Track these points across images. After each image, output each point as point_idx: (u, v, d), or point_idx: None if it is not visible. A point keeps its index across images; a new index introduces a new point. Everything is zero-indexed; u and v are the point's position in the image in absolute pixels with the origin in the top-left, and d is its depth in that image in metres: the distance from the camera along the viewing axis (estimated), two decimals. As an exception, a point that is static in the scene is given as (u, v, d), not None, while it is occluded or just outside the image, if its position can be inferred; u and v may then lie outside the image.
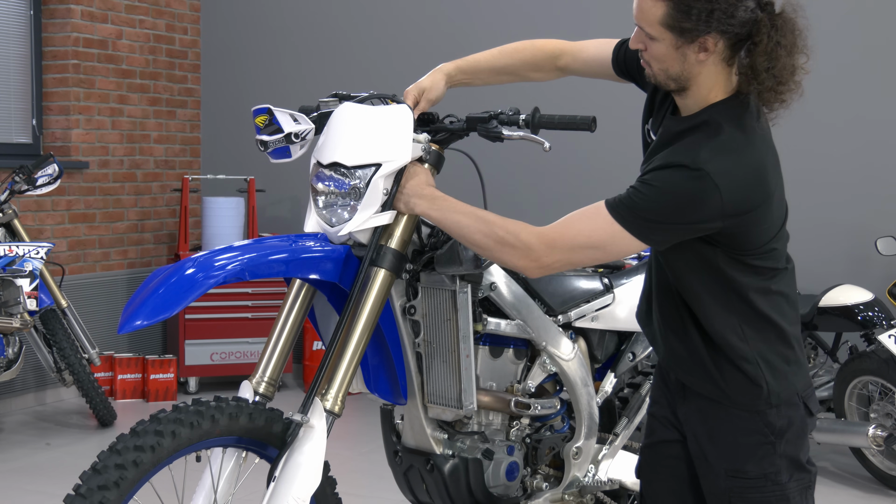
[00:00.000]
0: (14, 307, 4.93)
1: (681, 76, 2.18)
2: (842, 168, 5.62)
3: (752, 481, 2.29)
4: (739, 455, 2.30)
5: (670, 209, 2.12)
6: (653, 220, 2.14)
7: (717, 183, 2.09)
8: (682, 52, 2.14)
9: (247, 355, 6.42)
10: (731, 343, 2.26)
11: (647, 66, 2.24)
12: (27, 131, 6.38)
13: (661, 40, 2.15)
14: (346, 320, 2.34)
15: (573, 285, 2.87)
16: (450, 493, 2.61)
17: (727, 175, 2.10)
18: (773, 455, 2.28)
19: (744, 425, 2.29)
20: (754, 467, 2.29)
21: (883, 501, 4.60)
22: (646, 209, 2.14)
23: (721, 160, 2.11)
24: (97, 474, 2.01)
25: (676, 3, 2.10)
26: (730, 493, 2.31)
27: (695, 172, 2.09)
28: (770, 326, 2.28)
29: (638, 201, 2.15)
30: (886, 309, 4.85)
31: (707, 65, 2.16)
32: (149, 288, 2.18)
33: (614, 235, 2.17)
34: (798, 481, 2.31)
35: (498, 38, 6.81)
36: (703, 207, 2.10)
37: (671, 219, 2.13)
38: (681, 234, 2.17)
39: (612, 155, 5.80)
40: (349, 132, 2.40)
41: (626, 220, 2.15)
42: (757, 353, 2.26)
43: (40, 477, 4.80)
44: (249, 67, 7.22)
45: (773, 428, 2.28)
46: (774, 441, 2.28)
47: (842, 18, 5.66)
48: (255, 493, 2.30)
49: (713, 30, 2.10)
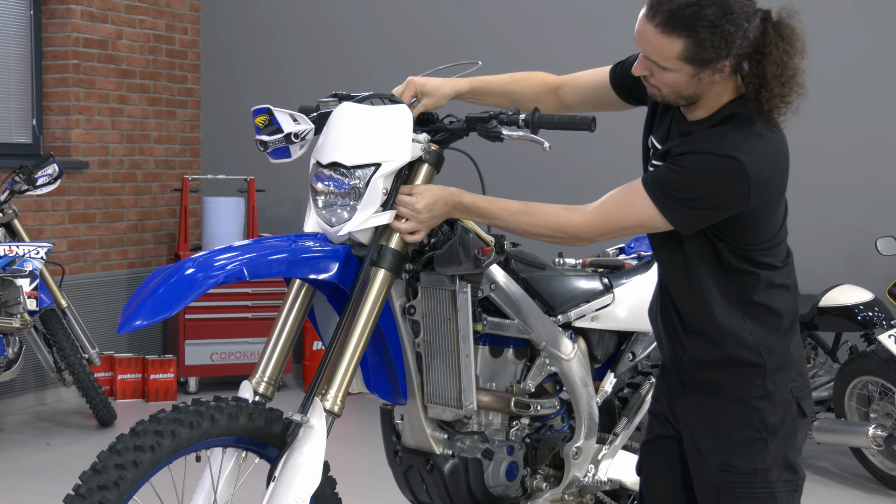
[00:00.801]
0: (14, 307, 4.93)
1: (693, 95, 2.25)
2: (842, 168, 5.62)
3: (742, 476, 2.32)
4: (731, 449, 2.32)
5: (702, 192, 2.20)
6: (686, 202, 2.21)
7: (746, 168, 2.16)
8: (698, 77, 2.20)
9: (247, 355, 6.42)
10: (734, 331, 2.31)
11: (655, 89, 2.28)
12: (27, 131, 6.38)
13: (677, 71, 2.20)
14: (346, 320, 2.34)
15: (573, 285, 2.87)
16: (450, 493, 2.61)
17: (755, 161, 2.17)
18: (764, 451, 2.31)
19: (738, 420, 2.32)
20: (745, 462, 2.31)
21: (883, 501, 4.59)
22: (679, 190, 2.21)
23: (749, 146, 2.18)
24: (97, 474, 2.01)
25: (694, 38, 2.13)
26: (719, 486, 2.34)
27: (725, 159, 2.17)
28: (771, 316, 2.32)
29: (673, 182, 2.22)
30: (886, 309, 4.85)
31: (717, 82, 2.23)
32: (149, 288, 2.18)
33: (653, 217, 2.26)
34: (787, 482, 2.34)
35: (498, 38, 6.83)
36: (733, 191, 2.18)
37: (703, 201, 2.20)
38: (710, 218, 2.23)
39: (611, 155, 5.80)
40: (349, 132, 2.40)
41: (662, 203, 2.24)
42: (758, 342, 2.30)
43: (40, 477, 4.80)
44: (249, 67, 7.22)
45: (766, 424, 2.31)
46: (767, 437, 2.31)
47: (842, 18, 5.66)
48: (255, 493, 2.30)
49: (731, 55, 2.16)
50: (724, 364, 2.33)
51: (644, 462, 2.56)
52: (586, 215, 2.35)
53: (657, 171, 2.27)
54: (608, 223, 2.33)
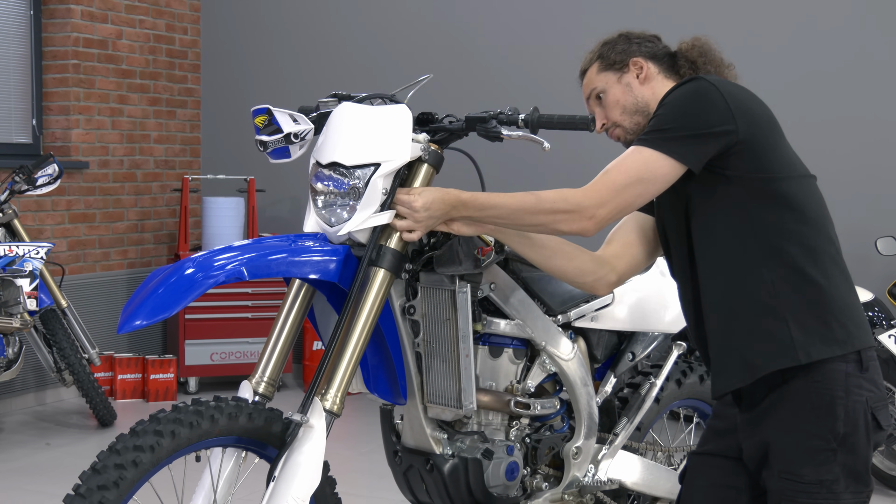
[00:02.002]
0: (14, 307, 4.94)
1: (638, 104, 2.46)
2: (842, 168, 5.62)
3: (806, 486, 2.24)
4: (797, 458, 2.25)
5: (686, 116, 2.28)
6: (675, 130, 2.28)
7: (714, 84, 2.30)
8: (624, 82, 2.48)
9: (247, 355, 6.42)
10: (759, 299, 2.26)
11: (617, 129, 2.50)
12: (27, 131, 6.38)
13: (607, 86, 2.49)
14: (346, 320, 2.34)
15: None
16: (449, 493, 2.61)
17: (720, 82, 2.33)
18: (832, 462, 2.24)
19: (807, 428, 2.25)
20: (811, 472, 2.24)
21: (883, 501, 4.59)
22: (666, 123, 2.30)
23: (707, 77, 2.36)
24: (97, 474, 2.01)
25: (600, 55, 2.53)
26: (781, 494, 2.28)
27: (692, 81, 2.34)
28: (807, 284, 2.26)
29: (657, 122, 2.32)
30: (886, 309, 4.85)
31: (653, 85, 2.46)
32: (148, 288, 2.18)
33: (647, 161, 2.29)
34: (854, 493, 2.27)
35: (498, 38, 6.83)
36: (713, 108, 2.27)
37: (691, 125, 2.27)
38: (705, 144, 2.27)
39: (611, 155, 5.79)
40: (348, 132, 2.40)
41: (652, 142, 2.30)
42: (787, 311, 2.24)
43: (40, 477, 4.80)
44: (249, 67, 7.23)
45: (836, 434, 2.24)
46: (836, 448, 2.24)
47: (842, 18, 5.67)
48: (254, 493, 2.30)
49: (637, 54, 2.49)
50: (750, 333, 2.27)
51: (690, 472, 2.53)
52: (586, 186, 2.34)
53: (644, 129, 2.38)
54: (607, 184, 2.31)
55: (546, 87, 6.18)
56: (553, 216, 2.33)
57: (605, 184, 2.31)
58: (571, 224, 2.32)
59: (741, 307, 2.30)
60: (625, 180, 2.29)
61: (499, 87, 6.40)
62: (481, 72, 6.48)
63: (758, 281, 2.28)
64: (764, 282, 2.27)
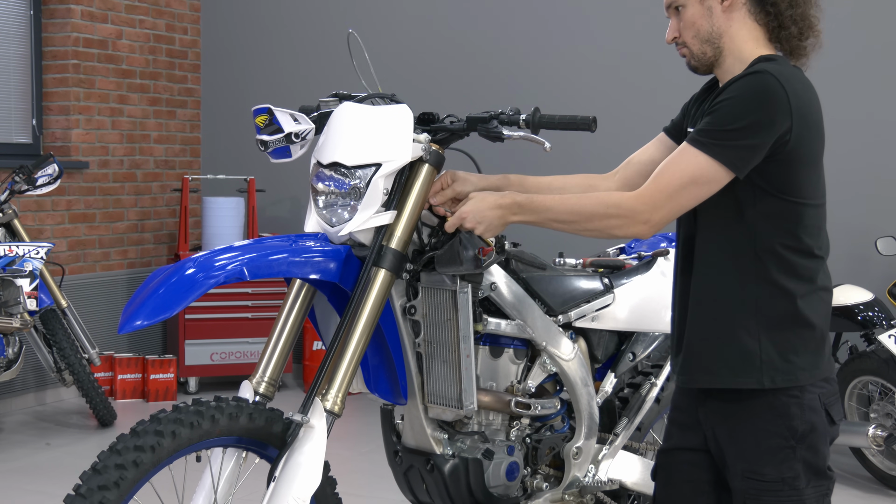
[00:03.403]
0: (14, 307, 4.93)
1: (712, 34, 2.33)
2: (842, 168, 5.61)
3: (768, 484, 2.27)
4: (758, 457, 2.28)
5: (748, 114, 2.20)
6: (735, 134, 2.21)
7: (778, 79, 2.21)
8: (707, 5, 2.32)
9: (247, 355, 6.42)
10: (742, 311, 2.29)
11: (685, 49, 2.37)
12: (27, 131, 6.38)
13: (689, 1, 2.33)
14: (347, 320, 2.34)
15: (573, 285, 2.86)
16: (450, 493, 2.61)
17: (787, 77, 2.24)
18: (792, 459, 2.27)
19: (765, 427, 2.29)
20: (773, 470, 2.27)
21: (883, 501, 4.59)
22: (723, 122, 2.22)
23: (777, 68, 2.25)
24: (97, 474, 2.01)
25: None
26: (745, 494, 2.30)
27: (757, 75, 2.22)
28: (792, 317, 2.30)
29: (714, 120, 2.24)
30: (886, 309, 4.85)
31: (734, 20, 2.32)
32: (149, 288, 2.17)
33: (701, 166, 2.23)
34: (816, 488, 2.29)
35: (499, 39, 6.82)
36: (774, 105, 2.20)
37: (751, 124, 2.20)
38: (760, 147, 2.21)
39: (611, 155, 5.78)
40: (349, 132, 2.40)
41: (707, 146, 2.23)
42: (762, 332, 2.28)
43: (40, 477, 4.80)
44: (249, 67, 7.22)
45: (794, 432, 2.27)
46: (795, 445, 2.27)
47: (843, 18, 5.66)
48: (255, 493, 2.30)
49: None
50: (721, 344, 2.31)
51: (660, 470, 2.54)
52: (638, 189, 2.31)
53: (697, 126, 2.28)
54: (658, 187, 2.26)
55: (547, 88, 6.18)
56: (607, 221, 2.31)
57: (658, 188, 2.27)
58: (626, 229, 2.31)
59: (723, 313, 2.32)
60: (678, 184, 2.25)
61: (500, 87, 6.39)
62: (482, 72, 6.47)
63: (746, 295, 2.30)
64: (751, 297, 2.30)
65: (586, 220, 2.33)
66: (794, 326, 2.30)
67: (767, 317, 2.29)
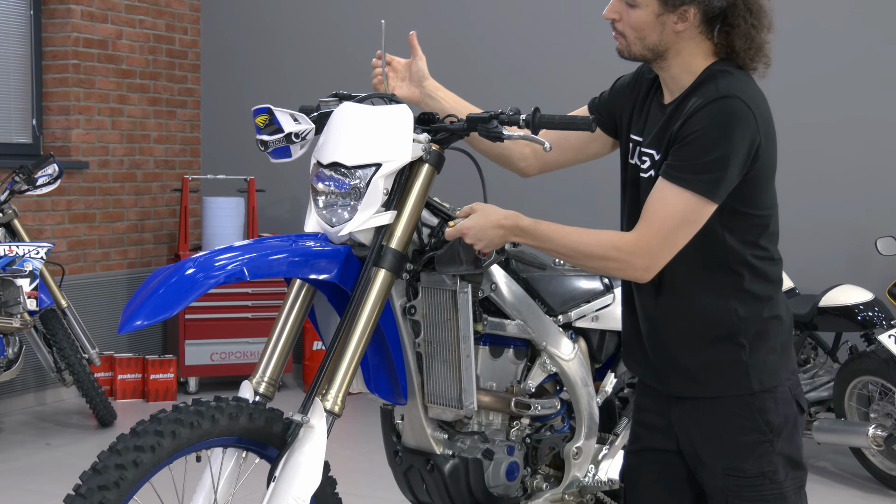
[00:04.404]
0: (14, 307, 4.94)
1: (658, 46, 2.28)
2: (842, 168, 5.62)
3: (750, 479, 2.31)
4: (737, 453, 2.31)
5: (722, 142, 2.18)
6: (710, 163, 2.18)
7: (744, 101, 2.19)
8: (662, 20, 2.25)
9: (247, 355, 6.42)
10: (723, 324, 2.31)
11: (621, 38, 2.32)
12: (27, 131, 6.38)
13: (644, 7, 2.26)
14: (347, 320, 2.34)
15: (573, 285, 2.87)
16: (450, 493, 2.61)
17: (749, 95, 2.22)
18: (771, 453, 2.31)
19: (742, 423, 2.32)
20: (752, 465, 2.31)
21: (883, 501, 4.59)
22: (699, 155, 2.19)
23: (738, 86, 2.23)
24: (97, 474, 2.01)
25: None
26: (727, 492, 2.33)
27: (724, 100, 2.19)
28: (769, 317, 2.33)
29: (690, 154, 2.20)
30: (886, 309, 4.85)
31: (683, 36, 2.26)
32: (149, 288, 2.17)
33: (689, 204, 2.21)
34: (794, 479, 2.34)
35: (499, 39, 6.82)
36: (746, 128, 2.18)
37: (725, 150, 2.17)
38: (739, 167, 2.20)
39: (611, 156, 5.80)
40: (349, 132, 2.40)
41: (690, 183, 2.20)
42: (746, 339, 2.31)
43: (40, 477, 4.80)
44: (249, 67, 7.22)
45: (771, 426, 2.31)
46: (773, 439, 2.31)
47: (842, 18, 5.67)
48: (255, 493, 2.30)
49: (696, 2, 2.23)
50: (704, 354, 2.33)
51: (629, 472, 2.56)
52: (634, 232, 2.29)
53: (670, 160, 2.24)
54: (654, 232, 2.25)
55: (547, 88, 6.18)
56: (606, 262, 2.31)
57: (654, 233, 2.25)
58: (625, 273, 2.31)
59: (707, 326, 2.33)
60: (672, 226, 2.23)
61: (500, 87, 6.40)
62: (482, 72, 6.47)
63: (726, 306, 2.32)
64: (731, 308, 2.31)
65: (585, 258, 2.33)
66: (770, 326, 2.33)
67: (748, 323, 2.32)
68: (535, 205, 6.27)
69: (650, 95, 2.40)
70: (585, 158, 2.65)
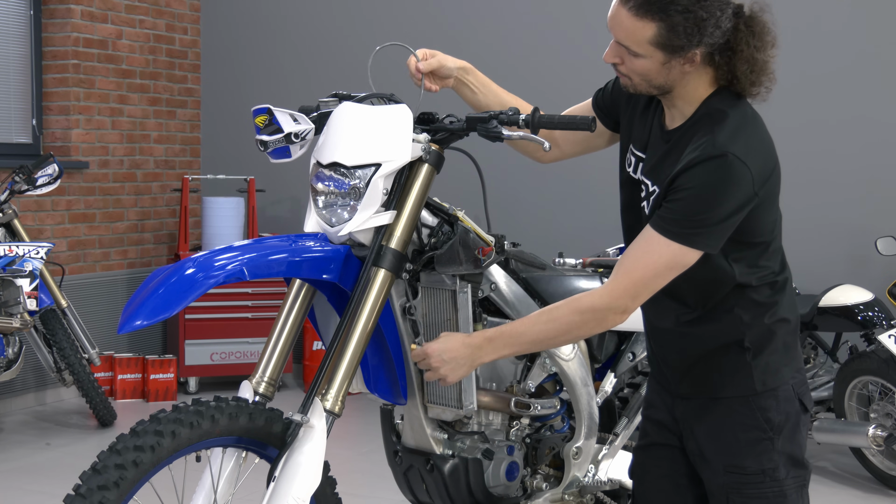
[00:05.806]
0: (14, 307, 4.94)
1: (665, 85, 2.24)
2: (842, 168, 5.62)
3: (750, 477, 2.31)
4: (738, 450, 2.32)
5: (717, 202, 2.15)
6: (702, 219, 2.16)
7: (741, 159, 2.13)
8: (668, 66, 2.20)
9: (247, 355, 6.42)
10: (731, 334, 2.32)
11: (626, 78, 2.27)
12: (27, 131, 6.38)
13: (648, 57, 2.19)
14: (347, 320, 2.34)
15: (573, 285, 2.87)
16: (450, 493, 2.61)
17: (748, 149, 2.15)
18: (771, 451, 2.31)
19: (743, 420, 2.32)
20: (753, 463, 2.31)
21: (883, 501, 4.60)
22: (691, 212, 2.16)
23: (738, 137, 2.16)
24: (97, 474, 2.01)
25: (667, 23, 2.13)
26: (727, 489, 2.34)
27: (721, 159, 2.13)
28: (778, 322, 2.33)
29: (682, 210, 2.17)
30: (886, 309, 4.85)
31: (688, 72, 2.22)
32: (149, 288, 2.17)
33: (675, 254, 2.19)
34: (795, 478, 2.34)
35: (498, 40, 6.81)
36: (742, 188, 2.14)
37: (722, 211, 2.15)
38: (732, 225, 2.19)
39: (611, 155, 5.80)
40: (349, 132, 2.40)
41: (680, 236, 2.18)
42: (750, 341, 2.31)
43: (40, 477, 4.80)
44: (249, 67, 7.22)
45: (771, 423, 2.31)
46: (773, 437, 2.31)
47: (843, 18, 5.67)
48: (255, 493, 2.30)
49: (702, 44, 2.16)
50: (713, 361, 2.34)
51: (637, 468, 2.56)
52: (608, 284, 2.27)
53: (661, 211, 2.21)
54: (633, 280, 2.23)
55: (546, 88, 6.18)
56: (586, 326, 2.32)
57: (633, 281, 2.23)
58: (607, 324, 2.31)
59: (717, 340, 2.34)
60: (653, 274, 2.21)
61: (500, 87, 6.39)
62: (482, 72, 6.47)
63: (735, 320, 2.32)
64: (739, 320, 2.32)
65: (564, 333, 2.34)
66: (775, 329, 2.34)
67: (752, 328, 2.32)
68: (535, 205, 6.28)
69: (651, 106, 2.38)
70: (595, 148, 2.67)
